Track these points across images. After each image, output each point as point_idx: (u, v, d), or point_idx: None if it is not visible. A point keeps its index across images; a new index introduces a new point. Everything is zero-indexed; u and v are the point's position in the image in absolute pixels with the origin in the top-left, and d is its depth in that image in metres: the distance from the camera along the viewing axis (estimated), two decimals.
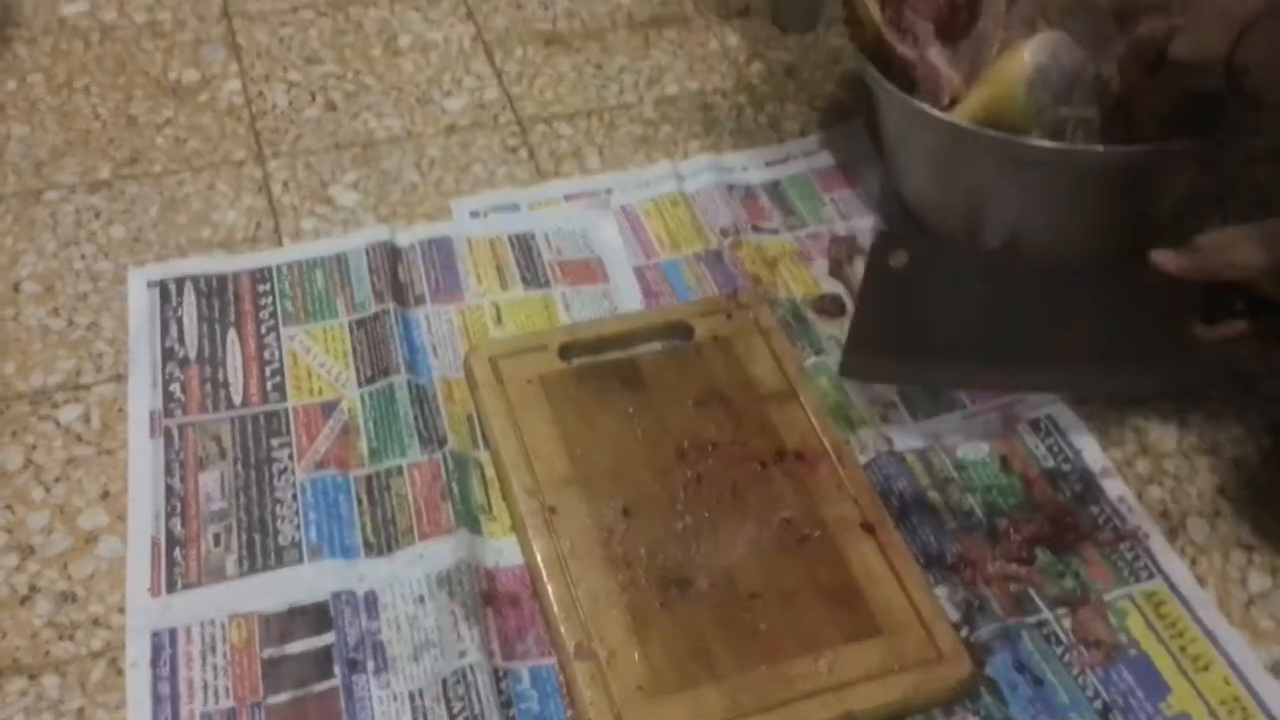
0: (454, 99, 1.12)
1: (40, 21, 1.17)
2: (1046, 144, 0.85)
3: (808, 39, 1.20)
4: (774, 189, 1.04)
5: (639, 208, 1.02)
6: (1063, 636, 0.75)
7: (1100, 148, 0.86)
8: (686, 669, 0.70)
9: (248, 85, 1.12)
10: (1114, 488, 0.83)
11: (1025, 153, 0.86)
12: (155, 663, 0.71)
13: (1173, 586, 0.77)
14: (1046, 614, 0.76)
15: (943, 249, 0.81)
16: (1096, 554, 0.79)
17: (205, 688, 0.70)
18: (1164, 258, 0.77)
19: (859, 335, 0.84)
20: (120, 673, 0.71)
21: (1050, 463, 0.84)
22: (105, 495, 0.80)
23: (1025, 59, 0.85)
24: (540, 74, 1.16)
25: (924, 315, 0.82)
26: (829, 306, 0.94)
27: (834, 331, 0.92)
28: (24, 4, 1.19)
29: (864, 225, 1.01)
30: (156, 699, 0.70)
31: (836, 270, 0.97)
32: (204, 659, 0.72)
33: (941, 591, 0.76)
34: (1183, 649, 0.74)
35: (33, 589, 0.75)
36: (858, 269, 0.95)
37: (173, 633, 0.73)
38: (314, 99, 1.11)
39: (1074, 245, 0.92)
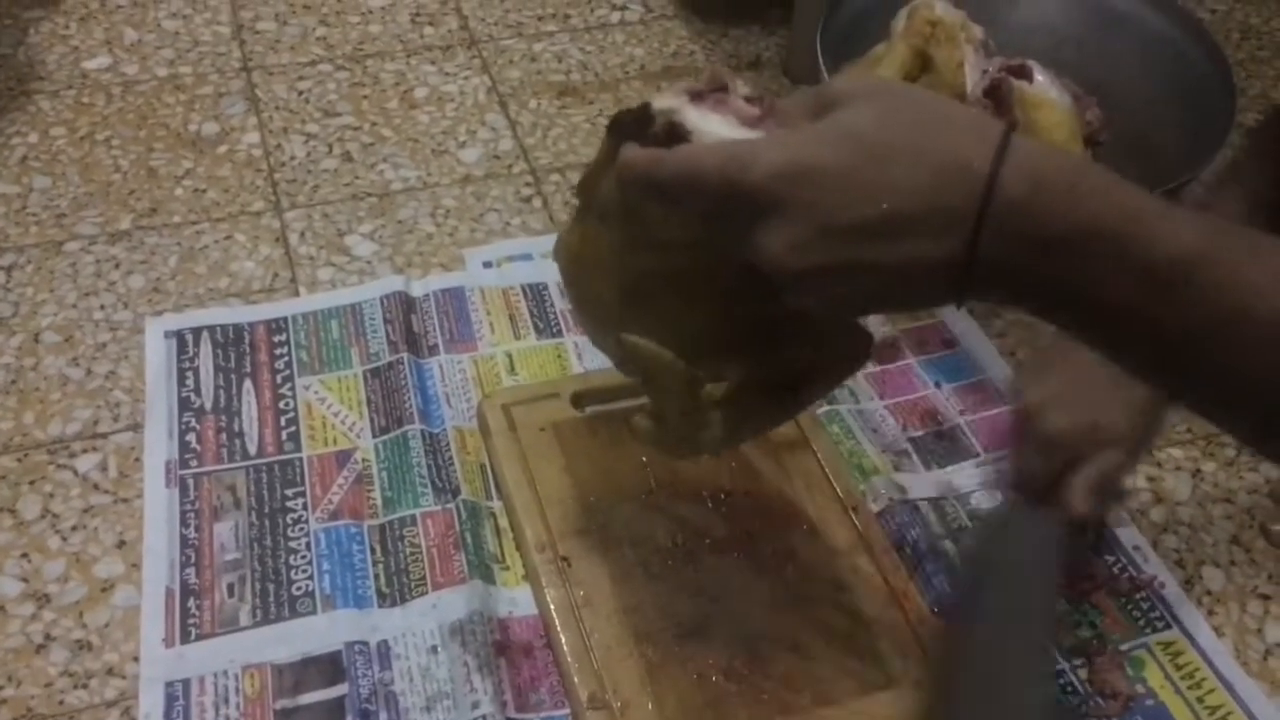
0: (469, 150, 1.14)
1: (63, 75, 1.19)
2: None
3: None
4: None
5: None
6: (1080, 687, 0.74)
7: None
8: None
9: (266, 137, 1.14)
10: (1129, 536, 0.82)
11: None
12: (169, 714, 0.71)
13: (1189, 637, 0.77)
14: (1063, 664, 0.75)
15: None
16: (1112, 604, 0.78)
17: None
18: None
19: None
20: None
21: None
22: (121, 544, 0.81)
23: None
24: (554, 125, 1.17)
25: None
26: None
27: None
28: (47, 59, 1.21)
29: None
30: None
31: None
32: (217, 710, 0.71)
33: None
34: (1200, 699, 0.74)
35: (48, 638, 0.76)
36: None
37: (186, 684, 0.73)
38: (331, 150, 1.13)
39: None
